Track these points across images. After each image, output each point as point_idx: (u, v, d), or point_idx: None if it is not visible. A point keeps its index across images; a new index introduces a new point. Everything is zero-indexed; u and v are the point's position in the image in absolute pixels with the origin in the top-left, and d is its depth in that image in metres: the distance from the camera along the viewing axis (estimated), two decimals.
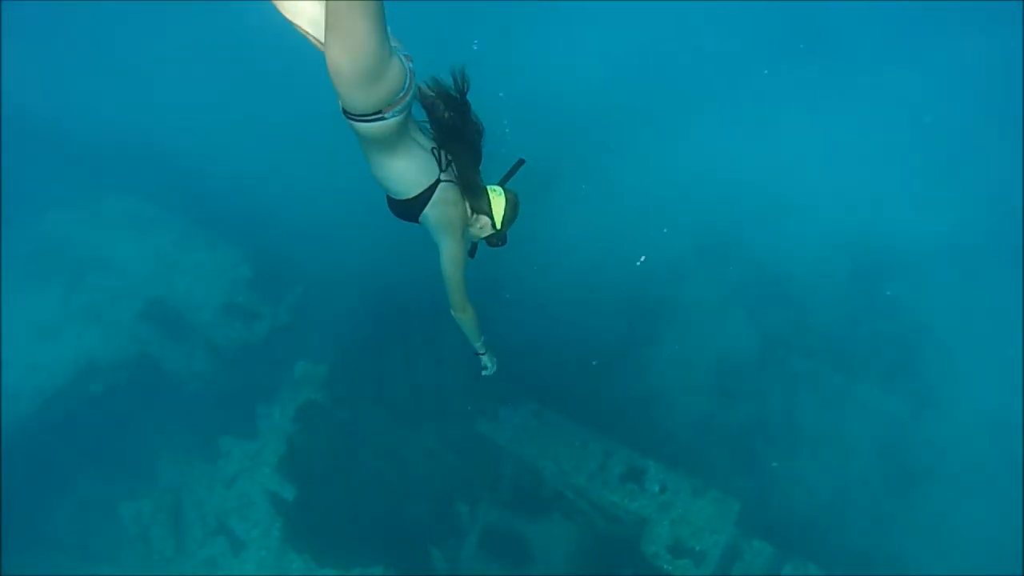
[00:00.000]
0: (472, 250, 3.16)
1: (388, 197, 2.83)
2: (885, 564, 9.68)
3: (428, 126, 2.81)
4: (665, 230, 12.72)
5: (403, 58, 2.48)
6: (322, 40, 2.35)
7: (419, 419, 9.54)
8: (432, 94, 2.69)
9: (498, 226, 2.99)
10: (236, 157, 13.49)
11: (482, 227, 3.01)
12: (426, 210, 2.76)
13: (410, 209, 2.78)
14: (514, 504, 8.36)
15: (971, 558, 9.75)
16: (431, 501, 8.68)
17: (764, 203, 13.58)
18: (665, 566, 7.20)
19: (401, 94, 2.44)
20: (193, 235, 11.95)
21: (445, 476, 8.83)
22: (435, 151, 2.75)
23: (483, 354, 3.42)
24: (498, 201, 2.96)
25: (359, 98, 2.37)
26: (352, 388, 9.78)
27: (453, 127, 2.72)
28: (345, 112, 2.46)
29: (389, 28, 2.36)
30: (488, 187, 2.96)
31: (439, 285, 2.97)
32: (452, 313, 3.14)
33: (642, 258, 10.64)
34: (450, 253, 2.90)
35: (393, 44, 2.42)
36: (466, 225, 2.97)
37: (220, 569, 8.61)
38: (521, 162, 2.97)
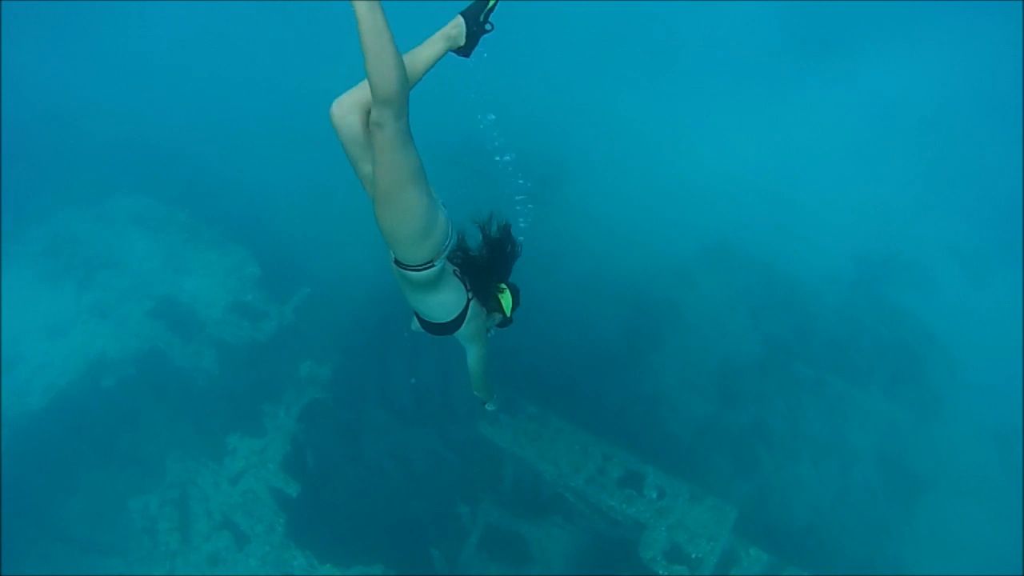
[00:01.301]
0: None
1: (423, 320, 3.13)
2: (884, 570, 9.71)
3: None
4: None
5: (441, 206, 2.73)
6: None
7: (422, 420, 9.65)
8: (471, 251, 3.05)
9: (508, 316, 3.35)
10: (246, 157, 13.63)
11: (496, 320, 3.39)
12: (461, 328, 3.10)
13: (447, 329, 3.09)
14: (514, 505, 8.46)
15: (970, 567, 9.76)
16: (432, 501, 8.78)
17: (770, 207, 13.61)
18: (661, 571, 7.27)
19: (447, 242, 2.73)
20: (202, 234, 12.12)
21: (446, 477, 8.93)
22: (458, 274, 3.03)
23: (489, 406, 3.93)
24: (506, 299, 3.30)
25: (413, 253, 2.64)
26: (356, 389, 9.90)
27: (488, 265, 3.10)
28: (398, 263, 2.74)
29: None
30: (497, 288, 3.31)
31: None
32: (475, 393, 3.68)
33: None
34: (479, 354, 3.41)
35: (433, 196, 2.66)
36: (486, 324, 3.35)
37: (224, 563, 8.75)
38: (515, 256, 3.26)
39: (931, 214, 14.31)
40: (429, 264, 2.71)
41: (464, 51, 2.83)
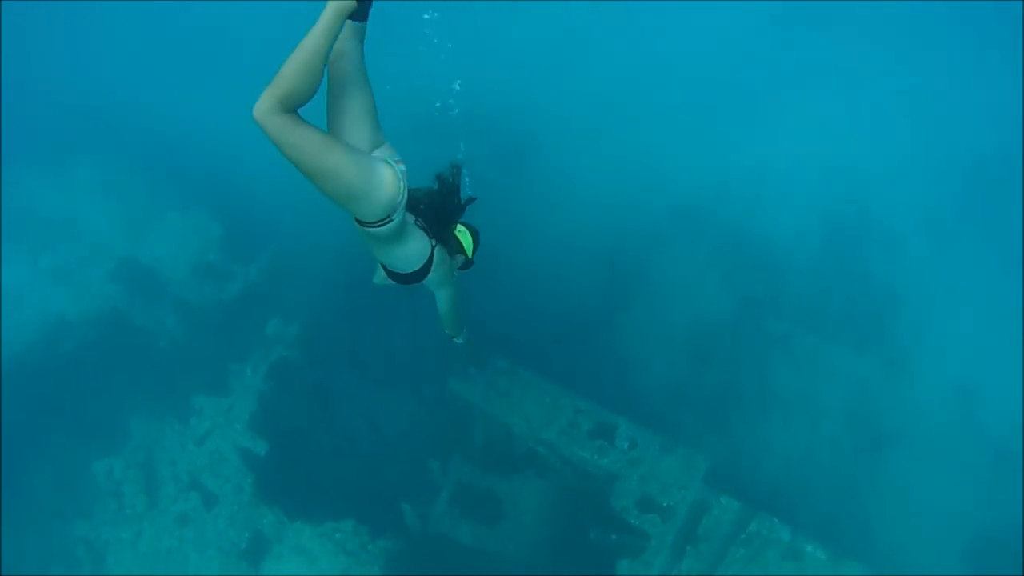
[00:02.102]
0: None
1: (391, 272, 3.22)
2: (849, 524, 9.86)
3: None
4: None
5: (394, 163, 2.83)
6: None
7: (392, 377, 9.53)
8: (425, 196, 3.15)
9: (469, 256, 3.44)
10: (204, 115, 13.24)
11: (459, 263, 3.47)
12: (429, 275, 3.19)
13: (415, 277, 3.18)
14: (486, 461, 8.40)
15: (933, 520, 9.97)
16: (403, 458, 8.70)
17: (743, 168, 13.58)
18: (633, 521, 7.28)
19: (400, 199, 2.80)
20: (162, 194, 11.77)
21: (417, 433, 8.85)
22: (420, 224, 3.12)
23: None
24: (466, 239, 3.39)
25: (366, 210, 2.75)
26: (325, 346, 9.73)
27: (445, 211, 3.20)
28: (359, 222, 2.84)
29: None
30: (455, 229, 3.39)
31: None
32: (448, 333, 3.76)
33: None
34: (449, 296, 3.50)
35: (381, 153, 2.82)
36: (452, 268, 3.43)
37: (193, 524, 8.62)
38: (472, 199, 3.30)
39: (903, 175, 14.41)
40: (387, 219, 2.80)
41: (360, 14, 2.70)
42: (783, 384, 11.13)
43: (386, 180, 2.74)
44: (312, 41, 2.47)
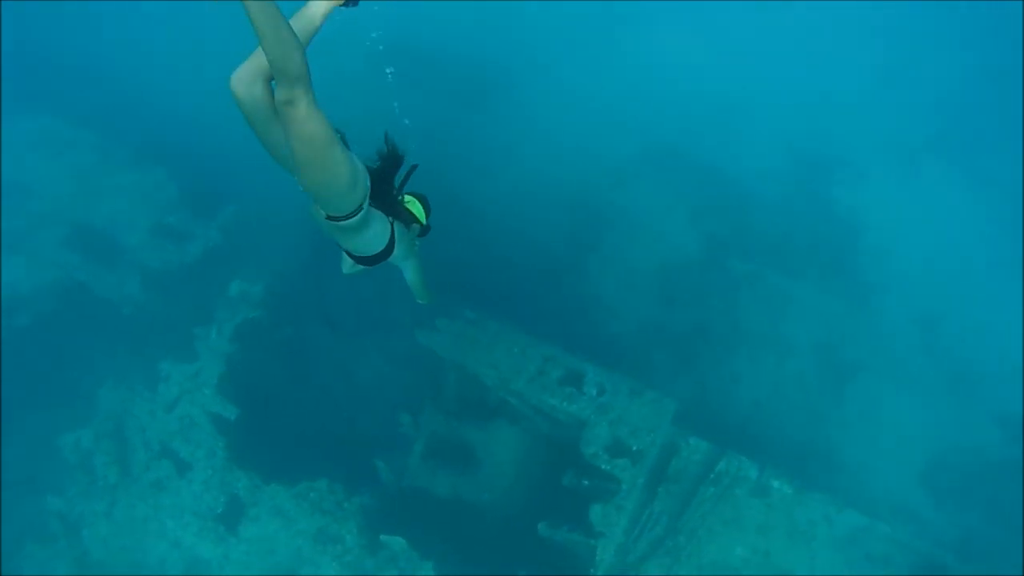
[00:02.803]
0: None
1: (357, 257, 3.25)
2: (817, 456, 10.16)
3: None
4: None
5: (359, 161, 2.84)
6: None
7: (360, 332, 9.48)
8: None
9: (424, 223, 3.46)
10: (155, 67, 12.71)
11: (415, 231, 3.48)
12: (394, 251, 3.24)
13: (381, 256, 3.23)
14: (458, 412, 8.45)
15: (893, 446, 10.30)
16: (374, 413, 8.72)
17: (707, 106, 13.46)
18: (604, 466, 7.40)
19: (367, 183, 2.85)
20: (114, 155, 11.35)
21: (388, 388, 8.85)
22: (374, 204, 3.07)
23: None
24: (418, 208, 3.42)
25: (344, 204, 2.76)
26: (291, 305, 9.62)
27: (382, 178, 3.11)
28: (330, 217, 2.82)
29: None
30: (404, 200, 3.41)
31: None
32: (420, 302, 3.82)
33: None
34: (415, 267, 3.59)
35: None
36: (412, 239, 3.47)
37: (167, 491, 8.60)
38: (414, 167, 3.28)
39: (868, 109, 14.38)
40: (359, 208, 2.84)
41: (351, 2, 2.72)
42: (750, 321, 11.28)
43: (360, 176, 2.77)
44: (297, 23, 2.53)
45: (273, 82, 2.44)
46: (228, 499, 8.34)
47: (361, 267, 3.39)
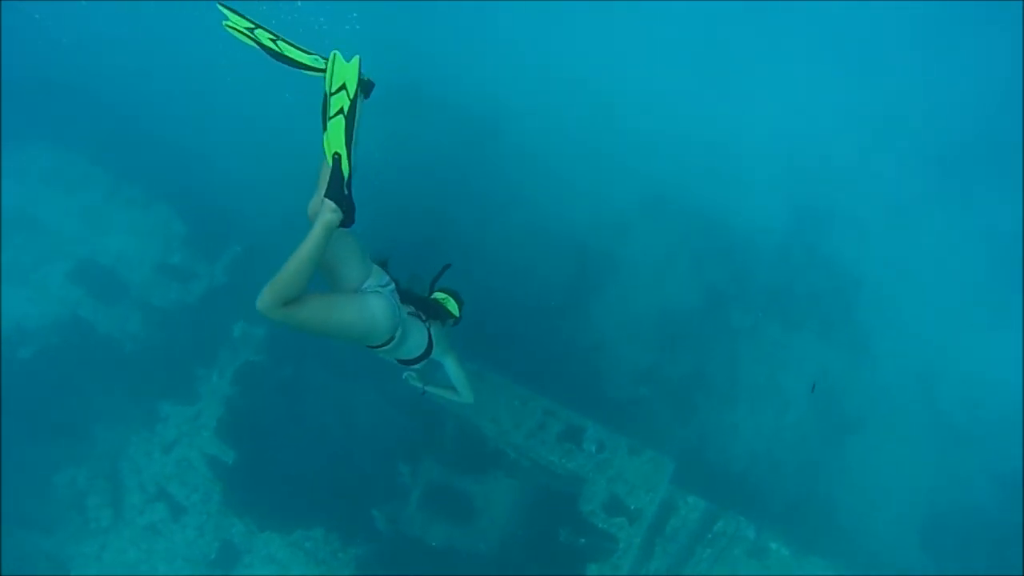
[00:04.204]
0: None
1: (401, 360, 3.64)
2: (815, 512, 10.11)
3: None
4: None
5: (383, 289, 3.21)
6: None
7: (361, 377, 9.49)
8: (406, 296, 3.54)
9: (458, 316, 3.90)
10: (167, 106, 12.87)
11: (450, 324, 3.93)
12: (434, 350, 3.65)
13: (424, 356, 3.63)
14: (456, 462, 8.42)
15: (892, 505, 10.25)
16: (372, 461, 8.69)
17: (709, 156, 13.60)
18: (600, 524, 7.37)
19: (396, 319, 3.22)
20: (123, 191, 11.45)
21: (387, 436, 8.83)
22: (411, 312, 3.54)
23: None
24: (452, 305, 3.86)
25: (374, 339, 3.19)
26: (293, 348, 9.64)
27: (426, 307, 3.66)
28: (369, 347, 3.29)
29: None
30: (439, 298, 3.83)
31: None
32: (467, 401, 4.23)
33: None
34: (454, 362, 3.94)
35: (372, 282, 3.18)
36: (448, 333, 3.89)
37: (160, 536, 8.54)
38: (447, 266, 3.76)
39: (867, 162, 14.54)
40: (391, 338, 3.26)
41: (347, 223, 3.01)
42: (749, 372, 11.29)
43: (380, 314, 3.14)
44: (305, 252, 2.84)
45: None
46: (222, 545, 8.29)
47: (414, 368, 3.77)
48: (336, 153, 2.97)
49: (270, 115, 12.06)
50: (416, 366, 3.80)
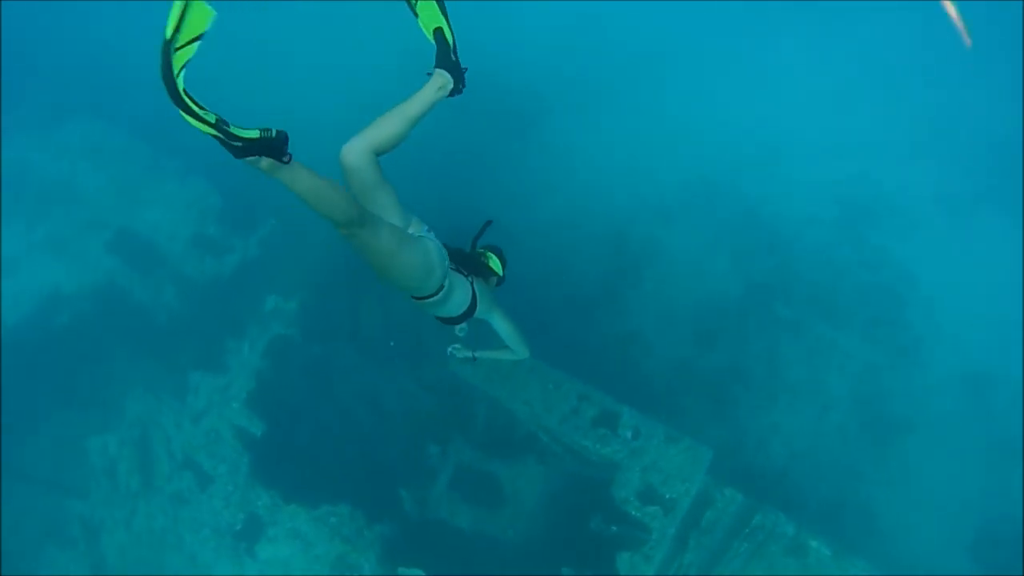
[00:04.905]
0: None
1: (444, 319, 3.53)
2: (854, 515, 9.72)
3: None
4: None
5: (429, 236, 3.11)
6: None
7: (393, 357, 9.35)
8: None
9: (501, 275, 3.77)
10: (208, 81, 12.89)
11: (494, 283, 3.79)
12: (479, 307, 3.51)
13: (468, 314, 3.51)
14: (486, 445, 8.23)
15: (940, 512, 9.81)
16: (402, 441, 8.54)
17: (754, 145, 13.22)
18: (634, 512, 7.11)
19: (445, 264, 3.14)
20: (163, 165, 11.50)
21: (417, 416, 8.68)
22: (454, 267, 3.40)
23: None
24: (496, 262, 3.74)
25: (426, 287, 3.09)
26: (325, 324, 9.54)
27: (471, 260, 3.57)
28: (416, 298, 3.18)
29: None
30: (482, 255, 3.71)
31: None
32: (521, 356, 3.94)
33: None
34: (502, 317, 3.76)
35: (415, 230, 3.05)
36: (492, 291, 3.76)
37: (187, 504, 8.51)
38: (489, 222, 3.61)
39: (919, 155, 14.00)
40: (440, 287, 3.16)
41: (457, 90, 3.04)
42: (791, 369, 10.91)
43: (435, 257, 3.06)
44: (410, 110, 2.77)
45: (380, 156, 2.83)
46: (247, 517, 8.21)
47: (457, 324, 3.66)
48: (436, 28, 2.95)
49: (307, 90, 12.01)
50: (461, 326, 3.70)
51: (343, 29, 14.31)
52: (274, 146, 2.45)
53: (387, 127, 2.73)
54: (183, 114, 2.30)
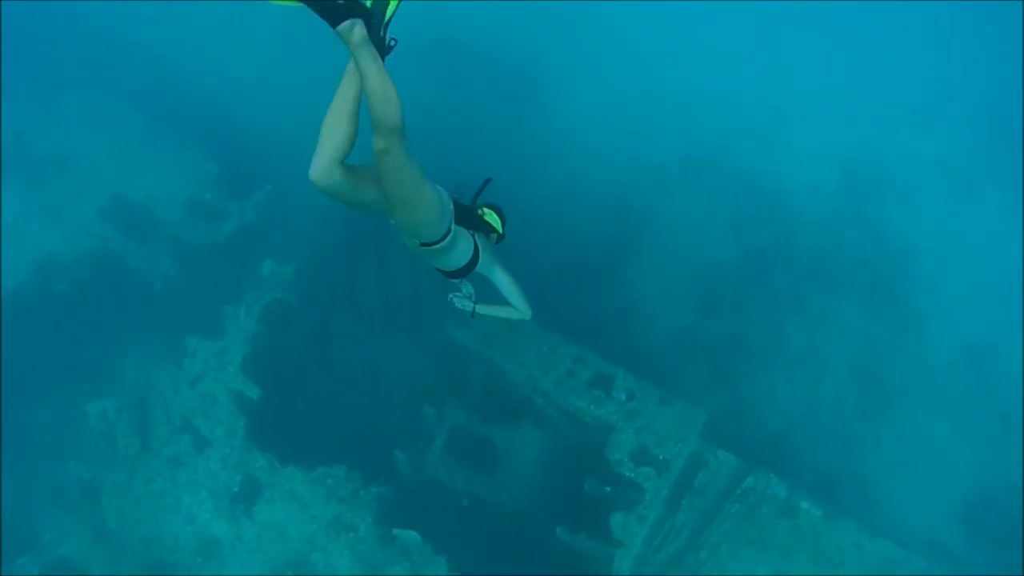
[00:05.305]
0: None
1: (446, 272, 3.55)
2: (850, 481, 9.77)
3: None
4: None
5: (439, 187, 3.14)
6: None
7: (391, 321, 9.36)
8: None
9: (501, 232, 3.74)
10: (202, 49, 12.79)
11: (494, 240, 3.77)
12: (480, 261, 3.53)
13: (469, 268, 3.53)
14: (482, 408, 8.27)
15: (932, 479, 9.86)
16: (398, 404, 8.59)
17: (756, 114, 13.13)
18: (627, 473, 7.15)
19: (452, 211, 3.19)
20: (157, 132, 11.40)
21: (413, 379, 8.71)
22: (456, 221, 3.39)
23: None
24: (495, 218, 3.70)
25: (436, 231, 3.11)
26: (322, 289, 9.54)
27: (471, 215, 3.56)
28: (424, 244, 3.18)
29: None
30: (483, 213, 3.68)
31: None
32: (525, 315, 3.93)
33: None
34: (503, 272, 3.77)
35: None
36: (493, 247, 3.76)
37: (185, 467, 8.56)
38: (488, 180, 3.63)
39: (923, 128, 13.90)
40: (448, 231, 3.17)
41: (376, 40, 2.67)
42: (789, 338, 10.93)
43: (446, 202, 3.13)
44: (347, 98, 2.68)
45: (347, 161, 2.74)
46: (244, 479, 8.27)
47: (457, 280, 3.72)
48: None
49: (301, 57, 11.90)
50: (467, 287, 3.83)
51: None
52: (376, 16, 2.56)
53: (337, 131, 2.67)
54: None
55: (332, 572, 7.77)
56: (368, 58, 2.53)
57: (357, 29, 2.48)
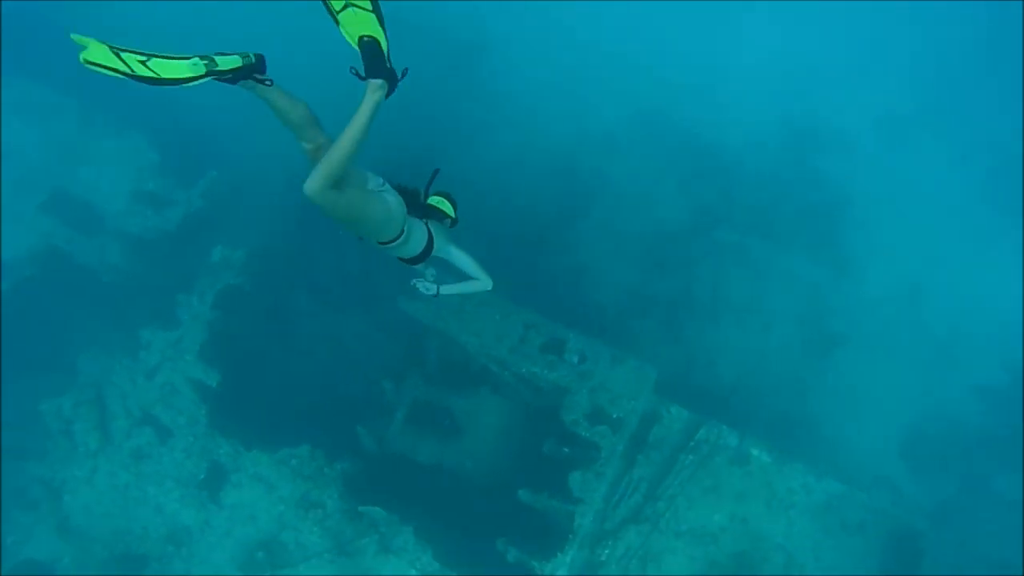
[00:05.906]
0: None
1: (405, 259, 3.74)
2: (799, 426, 10.21)
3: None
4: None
5: (389, 188, 3.42)
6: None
7: (345, 300, 9.43)
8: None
9: (454, 216, 3.91)
10: (138, 33, 12.42)
11: (447, 224, 3.96)
12: (435, 245, 3.74)
13: (426, 254, 3.72)
14: (440, 379, 8.44)
15: (877, 420, 10.36)
16: (357, 380, 8.70)
17: (699, 72, 13.28)
18: (584, 433, 7.41)
19: (403, 209, 3.42)
20: (96, 121, 11.12)
21: (370, 355, 8.82)
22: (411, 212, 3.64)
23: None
24: (447, 205, 3.86)
25: (388, 233, 3.39)
26: (276, 272, 9.54)
27: (425, 209, 3.77)
28: (381, 243, 3.45)
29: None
30: (434, 202, 3.85)
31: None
32: (487, 288, 4.14)
33: None
34: (458, 250, 3.97)
35: (375, 185, 3.33)
36: (446, 230, 3.98)
37: (148, 458, 8.60)
38: (436, 171, 3.77)
39: (859, 79, 14.21)
40: (401, 232, 3.43)
41: (392, 91, 3.07)
42: (735, 291, 11.25)
43: (395, 208, 3.36)
44: (354, 134, 2.91)
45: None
46: (210, 466, 8.35)
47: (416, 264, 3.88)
48: (367, 36, 3.06)
49: (243, 37, 11.65)
50: (420, 266, 3.96)
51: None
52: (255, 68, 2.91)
53: (339, 155, 2.91)
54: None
55: (303, 550, 7.95)
56: (373, 105, 2.94)
57: (382, 92, 2.97)
